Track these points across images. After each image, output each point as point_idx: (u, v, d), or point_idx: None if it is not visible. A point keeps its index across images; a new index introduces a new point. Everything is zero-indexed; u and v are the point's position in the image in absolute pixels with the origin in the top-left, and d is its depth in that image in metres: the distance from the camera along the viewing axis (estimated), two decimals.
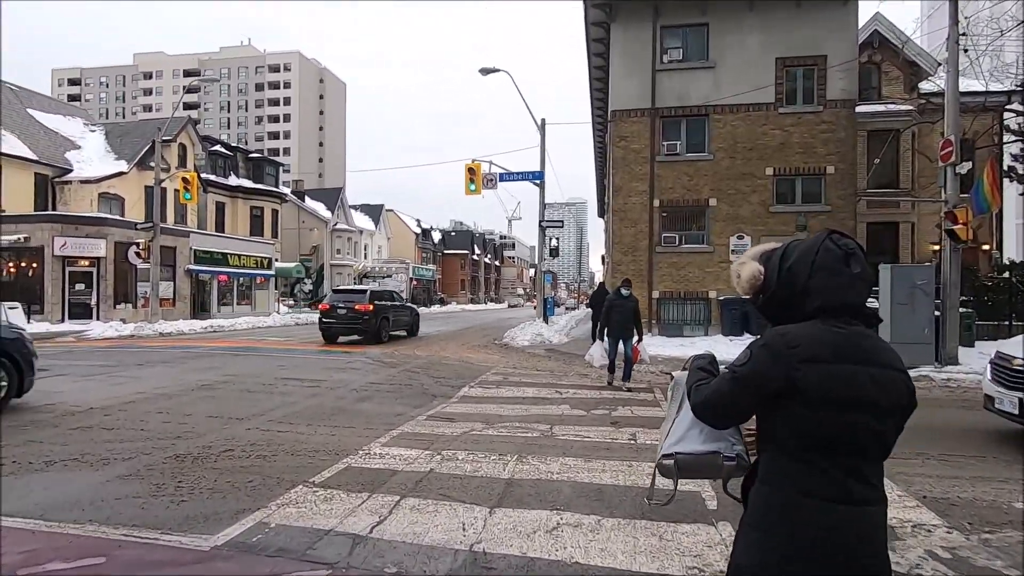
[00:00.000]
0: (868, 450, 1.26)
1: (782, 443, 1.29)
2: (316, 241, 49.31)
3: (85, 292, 21.91)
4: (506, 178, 19.35)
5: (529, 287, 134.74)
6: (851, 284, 1.30)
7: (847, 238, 1.35)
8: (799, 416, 1.24)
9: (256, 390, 8.04)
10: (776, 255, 1.39)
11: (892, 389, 1.26)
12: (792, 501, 1.25)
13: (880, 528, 1.26)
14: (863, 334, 1.30)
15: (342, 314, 16.34)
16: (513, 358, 13.08)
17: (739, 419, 1.41)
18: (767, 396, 1.28)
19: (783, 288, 1.36)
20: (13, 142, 26.21)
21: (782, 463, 1.29)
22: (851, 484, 1.23)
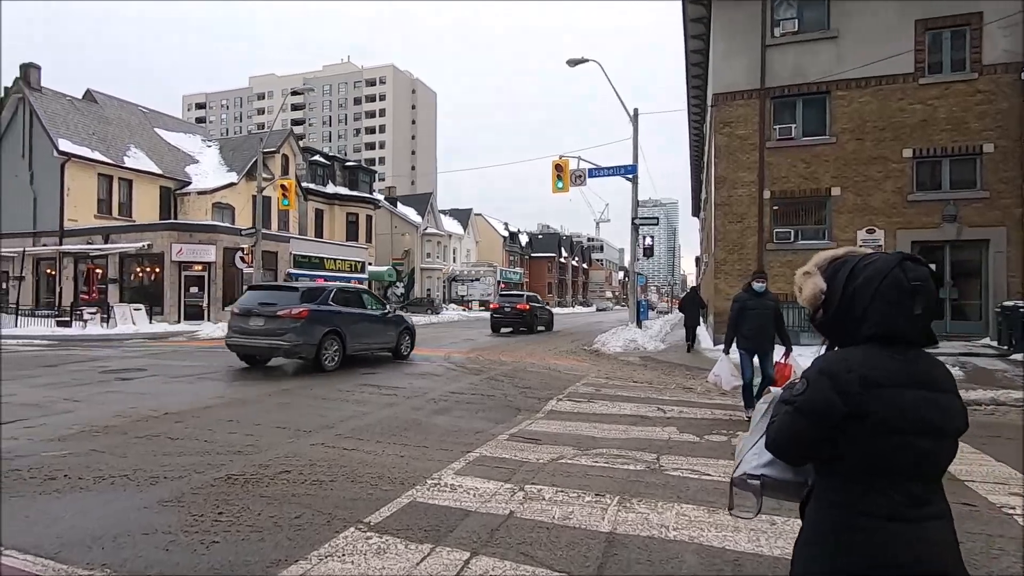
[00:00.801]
0: (927, 472, 1.26)
1: (839, 465, 1.29)
2: (407, 245, 50.64)
3: (198, 295, 23.46)
4: (595, 174, 18.22)
5: (618, 290, 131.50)
6: (910, 321, 1.27)
7: (922, 266, 1.29)
8: (859, 441, 1.24)
9: (331, 397, 7.61)
10: (843, 272, 1.35)
11: (953, 413, 1.27)
12: (847, 520, 1.25)
13: (944, 543, 1.24)
14: (921, 358, 1.30)
15: (507, 311, 22.90)
16: (605, 366, 11.98)
17: (812, 452, 1.33)
18: (830, 425, 1.25)
19: (842, 311, 1.34)
20: (143, 159, 28.85)
21: (838, 483, 1.29)
22: (910, 504, 1.23)
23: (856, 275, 1.32)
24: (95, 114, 28.40)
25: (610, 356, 14.11)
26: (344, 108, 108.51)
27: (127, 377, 8.97)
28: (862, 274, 1.31)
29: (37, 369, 10.08)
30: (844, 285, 1.33)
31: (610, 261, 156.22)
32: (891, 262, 1.29)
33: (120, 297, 23.51)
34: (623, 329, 17.76)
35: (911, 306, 1.26)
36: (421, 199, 55.05)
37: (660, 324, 24.61)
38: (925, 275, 1.28)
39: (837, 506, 1.27)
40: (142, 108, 32.65)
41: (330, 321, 10.47)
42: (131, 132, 29.74)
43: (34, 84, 26.06)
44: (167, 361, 11.37)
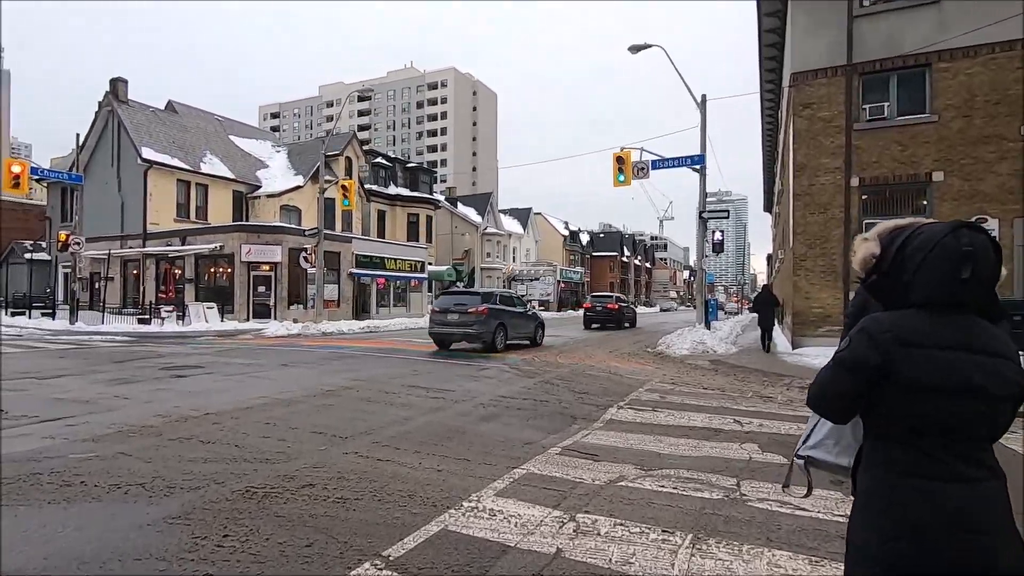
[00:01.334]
0: (975, 433, 1.28)
1: (884, 428, 1.33)
2: (467, 245, 50.83)
3: (265, 294, 24.22)
4: (659, 165, 17.18)
5: (683, 290, 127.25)
6: (957, 286, 1.28)
7: (979, 233, 1.30)
8: (898, 401, 1.28)
9: (376, 399, 7.24)
10: (899, 238, 1.37)
11: (1003, 377, 1.27)
12: (895, 483, 1.28)
13: (995, 502, 1.26)
14: (970, 323, 1.30)
15: (599, 310, 26.36)
16: (670, 370, 11.06)
17: (846, 406, 1.38)
18: (866, 379, 1.31)
19: (892, 274, 1.36)
20: (217, 165, 30.26)
21: (884, 447, 1.33)
22: (957, 464, 1.25)
23: (910, 241, 1.34)
24: (175, 123, 30.06)
25: (676, 359, 13.13)
26: (407, 112, 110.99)
27: (182, 374, 9.02)
28: (916, 239, 1.33)
29: (107, 365, 10.40)
30: (897, 249, 1.35)
31: (675, 260, 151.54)
32: (945, 229, 1.31)
33: (196, 296, 24.66)
34: (690, 330, 16.63)
35: (959, 271, 1.27)
36: (481, 199, 55.12)
37: (730, 325, 23.10)
38: (981, 242, 1.28)
39: (886, 467, 1.31)
40: (217, 117, 34.34)
41: (499, 316, 14.26)
42: (207, 139, 31.30)
43: (121, 97, 27.87)
44: (226, 359, 11.50)
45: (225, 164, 30.77)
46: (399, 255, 31.51)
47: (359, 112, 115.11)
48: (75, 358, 11.43)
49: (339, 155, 32.91)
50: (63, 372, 9.25)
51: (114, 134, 27.61)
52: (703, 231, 16.69)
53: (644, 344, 17.11)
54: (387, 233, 38.78)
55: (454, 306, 14.08)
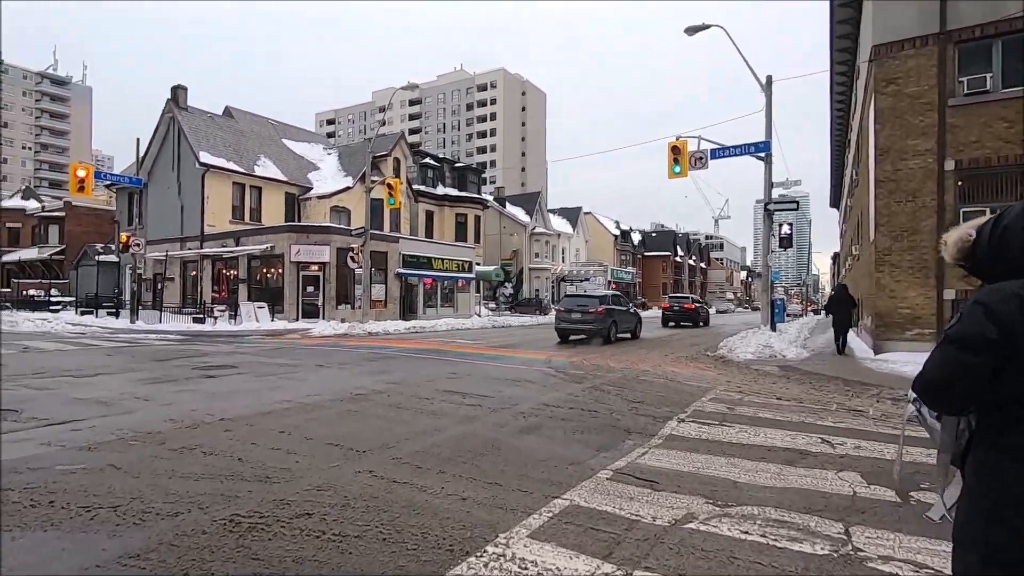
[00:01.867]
0: None
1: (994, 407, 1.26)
2: (516, 245, 50.24)
3: (314, 294, 24.34)
4: (719, 154, 15.91)
5: (740, 291, 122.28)
6: None
7: None
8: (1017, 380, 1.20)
9: (406, 406, 6.59)
10: (993, 219, 1.32)
11: None
12: (998, 463, 1.24)
13: None
14: None
15: (676, 309, 28.46)
16: (735, 377, 9.93)
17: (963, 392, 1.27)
18: (984, 357, 1.21)
19: (996, 251, 1.30)
20: (271, 167, 30.88)
21: (997, 431, 1.26)
22: None
23: (1005, 216, 1.31)
24: (231, 128, 30.89)
25: (740, 364, 11.92)
26: (457, 114, 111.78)
27: (213, 375, 8.70)
28: (1011, 213, 1.30)
29: (147, 363, 10.29)
30: (993, 227, 1.31)
31: (731, 260, 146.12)
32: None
33: (248, 296, 25.09)
34: (754, 333, 15.29)
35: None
36: (529, 198, 54.44)
37: (796, 328, 21.39)
38: None
39: (997, 449, 1.25)
40: (272, 121, 35.16)
41: (612, 315, 17.19)
42: (261, 143, 32.02)
43: (182, 103, 28.84)
44: (264, 358, 11.23)
45: (278, 167, 31.39)
46: (446, 255, 31.20)
47: (410, 116, 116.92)
48: (122, 356, 11.45)
49: (387, 156, 32.98)
50: (102, 370, 9.13)
51: (174, 139, 28.60)
52: (768, 224, 15.30)
53: (703, 347, 15.87)
54: (435, 233, 38.68)
55: (577, 307, 17.14)
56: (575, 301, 17.55)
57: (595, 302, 17.13)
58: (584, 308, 16.78)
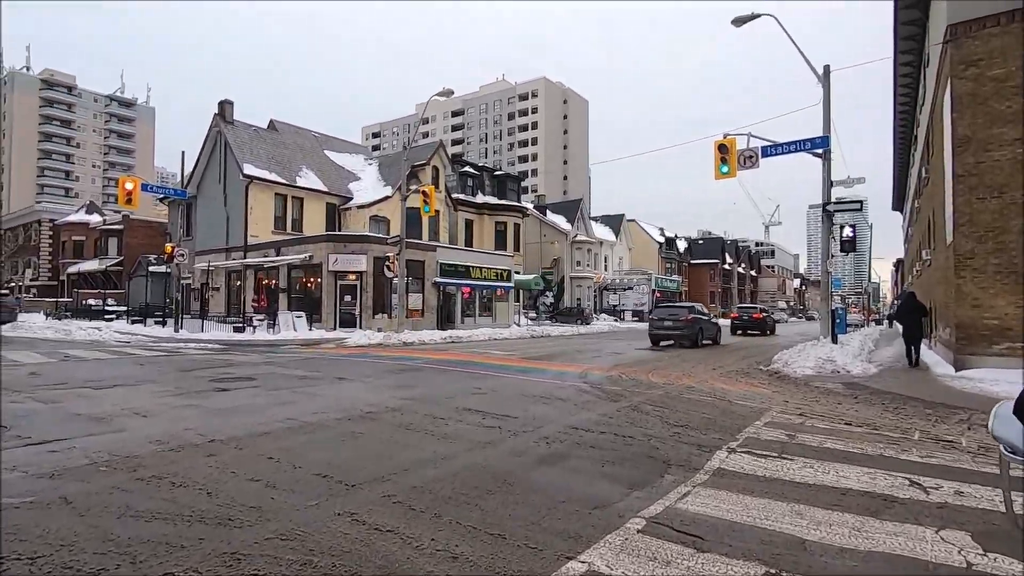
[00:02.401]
0: None
1: None
2: (557, 253, 49.41)
3: (351, 303, 24.27)
4: (771, 152, 14.73)
5: (793, 299, 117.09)
6: None
7: None
8: None
9: (417, 427, 5.94)
10: None
11: None
12: None
13: None
14: None
15: (745, 319, 30.12)
16: (794, 396, 8.85)
17: None
18: None
19: None
20: (312, 178, 31.29)
21: None
22: None
23: None
24: (274, 140, 31.53)
25: (799, 381, 10.75)
26: (499, 124, 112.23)
27: (228, 388, 8.34)
28: None
29: (171, 374, 10.10)
30: None
31: (784, 268, 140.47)
32: None
33: (288, 305, 25.28)
34: (812, 345, 13.98)
35: None
36: (571, 206, 53.55)
37: (859, 339, 19.69)
38: None
39: None
40: (315, 133, 35.77)
41: (698, 323, 19.72)
42: (304, 155, 32.55)
43: (228, 117, 29.62)
44: (287, 370, 10.88)
45: (319, 177, 31.79)
46: (484, 263, 30.74)
47: (452, 127, 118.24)
48: (151, 367, 11.35)
49: (426, 164, 32.91)
50: (121, 382, 8.93)
51: (221, 153, 29.37)
52: (828, 227, 14.00)
53: (755, 360, 14.66)
54: (475, 242, 38.37)
55: (668, 316, 20.03)
56: (667, 311, 20.65)
57: (684, 312, 20.09)
58: (675, 317, 19.73)
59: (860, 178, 13.71)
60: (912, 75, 19.26)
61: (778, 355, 13.90)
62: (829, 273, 14.03)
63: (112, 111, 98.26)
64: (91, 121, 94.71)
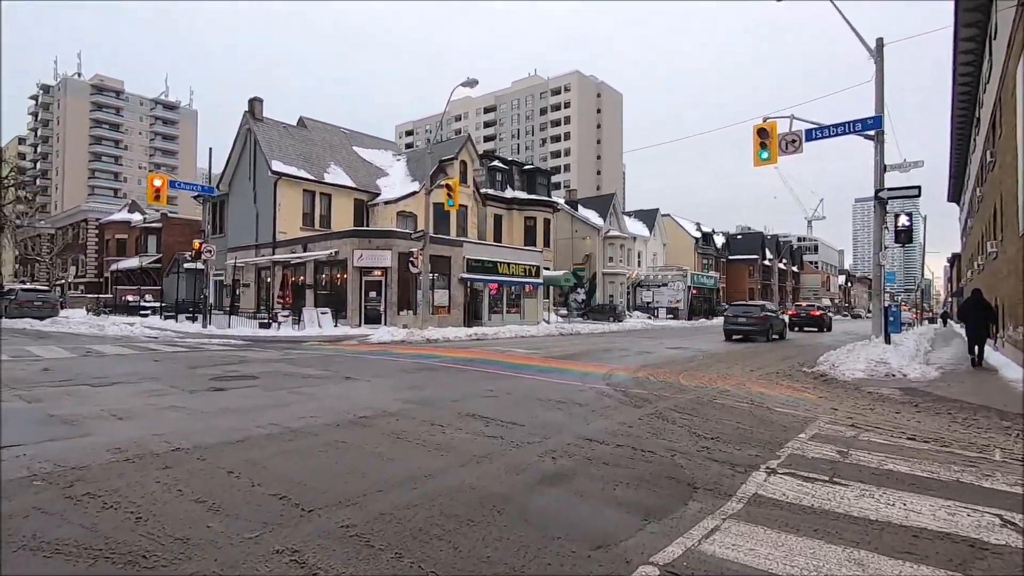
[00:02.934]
0: None
1: None
2: (588, 249, 48.38)
3: (376, 299, 23.98)
4: (817, 135, 13.55)
5: (837, 297, 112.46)
6: None
7: None
8: None
9: (411, 436, 5.32)
10: None
11: None
12: None
13: None
14: None
15: (803, 316, 32.13)
16: (844, 402, 7.87)
17: None
18: None
19: None
20: (340, 174, 31.21)
21: None
22: None
23: None
24: (303, 137, 31.58)
25: (848, 385, 9.70)
26: (531, 120, 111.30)
27: (224, 387, 7.91)
28: None
29: (180, 370, 9.82)
30: None
31: (828, 264, 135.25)
32: None
33: (315, 301, 25.20)
34: (863, 346, 12.80)
35: None
36: (603, 201, 52.36)
37: (914, 339, 18.20)
38: None
39: None
40: (344, 129, 35.77)
41: (768, 320, 22.25)
42: (332, 151, 32.53)
43: (257, 115, 29.77)
44: (295, 368, 10.46)
45: (347, 174, 31.70)
46: (512, 259, 30.06)
47: (484, 123, 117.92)
48: (163, 363, 11.13)
49: (453, 159, 32.43)
50: (123, 379, 8.63)
51: (251, 150, 29.56)
52: (881, 215, 12.76)
53: (797, 361, 13.55)
54: (504, 237, 37.75)
55: (743, 313, 22.83)
56: (741, 309, 23.48)
57: (756, 310, 22.87)
58: (748, 314, 22.64)
59: (918, 162, 12.43)
60: (975, 51, 17.64)
61: (824, 355, 12.78)
62: (882, 266, 12.78)
63: (157, 114, 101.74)
64: (137, 124, 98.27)
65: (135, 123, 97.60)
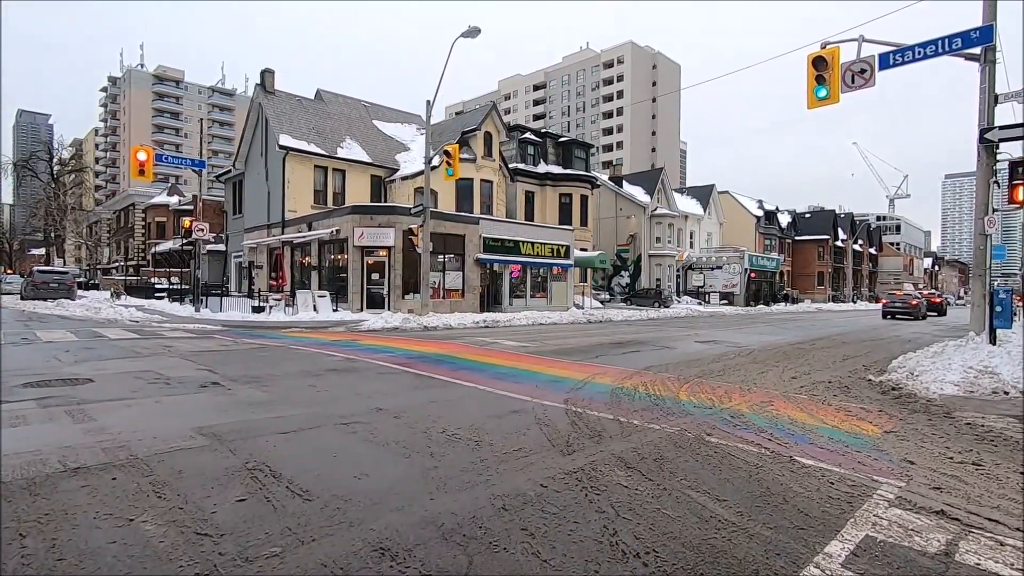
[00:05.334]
0: None
1: None
2: (633, 229, 44.76)
3: (379, 282, 21.97)
4: (897, 60, 10.00)
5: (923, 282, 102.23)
6: None
7: None
8: None
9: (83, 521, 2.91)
10: None
11: None
12: None
13: None
14: None
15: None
16: (926, 443, 4.81)
17: None
18: None
19: None
20: (355, 149, 29.35)
21: None
22: None
23: None
24: (318, 111, 29.89)
25: (932, 407, 6.52)
26: (582, 96, 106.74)
27: (20, 396, 5.81)
28: None
29: (64, 364, 7.93)
30: None
31: (911, 245, 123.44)
32: None
33: (319, 283, 23.55)
34: (956, 346, 9.35)
35: None
36: (650, 176, 48.36)
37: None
38: None
39: None
40: (364, 102, 33.90)
41: (920, 306, 30.86)
42: (349, 125, 30.71)
43: (268, 88, 28.29)
44: (187, 365, 8.35)
45: (365, 148, 29.82)
46: (538, 238, 27.30)
47: (534, 101, 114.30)
48: (78, 351, 9.35)
49: (476, 130, 29.84)
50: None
51: (263, 125, 28.16)
52: (988, 165, 9.17)
53: (862, 363, 10.25)
54: (536, 216, 34.97)
55: (899, 300, 31.61)
56: (898, 298, 32.19)
57: (910, 298, 31.43)
58: (904, 302, 31.16)
59: None
60: None
61: (901, 358, 9.44)
62: (987, 236, 9.21)
63: (214, 102, 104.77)
64: (196, 112, 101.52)
65: (194, 111, 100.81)
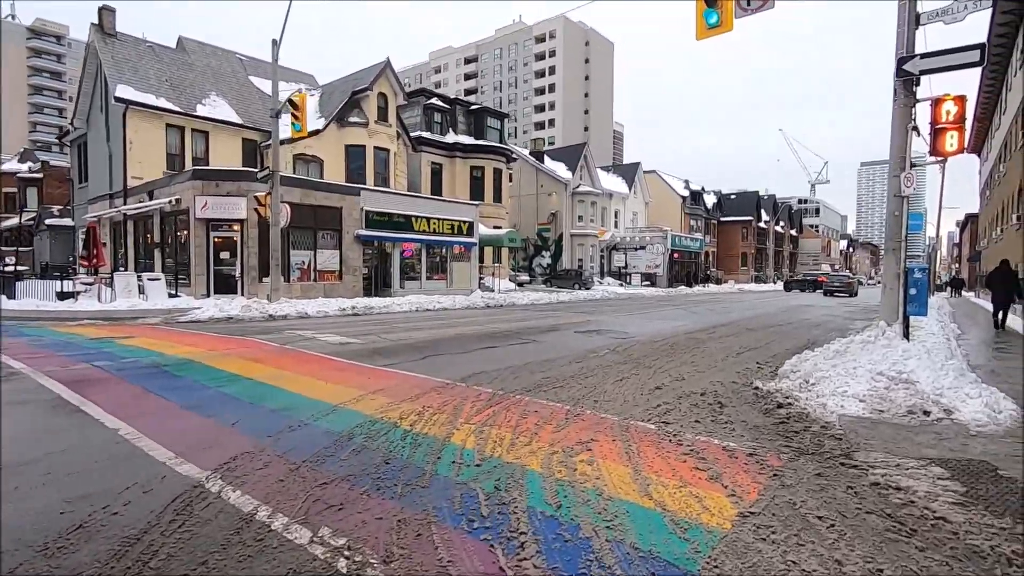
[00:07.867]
0: None
1: None
2: (555, 207, 42.53)
3: (230, 262, 18.42)
4: None
5: (838, 263, 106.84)
6: None
7: None
8: None
9: None
10: None
11: None
12: None
13: None
14: None
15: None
16: (817, 537, 2.39)
17: None
18: None
19: None
20: (222, 107, 25.17)
21: None
22: None
23: None
24: (176, 61, 25.40)
25: (833, 438, 4.20)
26: (515, 71, 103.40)
27: None
28: None
29: None
30: None
31: (830, 228, 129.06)
32: None
33: (162, 264, 19.70)
34: (863, 343, 7.29)
35: None
36: (572, 152, 46.17)
37: (937, 323, 12.58)
38: None
39: None
40: (240, 56, 29.49)
41: (853, 284, 39.74)
42: (216, 80, 26.40)
43: (108, 29, 23.59)
44: None
45: (235, 108, 25.67)
46: (435, 213, 24.31)
47: (466, 76, 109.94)
48: None
49: (368, 90, 26.29)
50: None
51: (101, 75, 23.49)
52: (906, 105, 7.05)
53: (757, 359, 8.10)
54: (444, 190, 31.92)
55: (837, 279, 40.13)
56: (837, 278, 40.14)
57: (845, 278, 39.47)
58: (840, 280, 39.28)
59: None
60: None
61: (796, 359, 7.27)
62: (903, 199, 7.14)
63: None
64: None
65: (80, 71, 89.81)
